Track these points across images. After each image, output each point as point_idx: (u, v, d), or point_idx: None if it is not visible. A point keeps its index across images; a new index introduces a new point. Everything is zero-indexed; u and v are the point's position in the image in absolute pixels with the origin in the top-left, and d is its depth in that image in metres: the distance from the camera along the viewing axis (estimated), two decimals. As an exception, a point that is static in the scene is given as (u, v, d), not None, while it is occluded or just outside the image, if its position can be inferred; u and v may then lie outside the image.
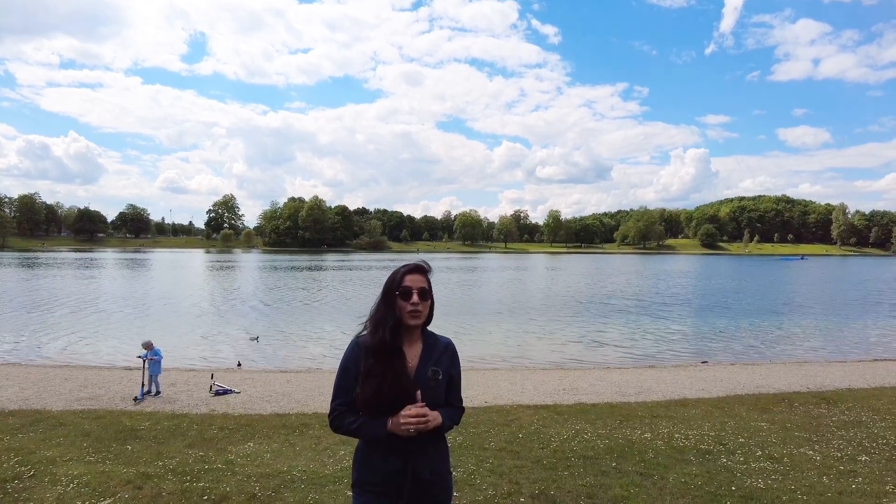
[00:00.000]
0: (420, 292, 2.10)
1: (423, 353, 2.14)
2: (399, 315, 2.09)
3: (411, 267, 2.15)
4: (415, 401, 2.01)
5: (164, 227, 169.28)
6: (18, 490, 4.58)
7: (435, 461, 2.11)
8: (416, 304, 2.08)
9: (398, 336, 2.09)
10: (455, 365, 2.22)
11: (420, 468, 2.04)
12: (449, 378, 2.17)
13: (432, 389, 2.09)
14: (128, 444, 6.15)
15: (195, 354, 15.09)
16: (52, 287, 33.97)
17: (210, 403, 9.19)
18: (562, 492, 4.65)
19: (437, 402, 2.10)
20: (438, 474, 2.11)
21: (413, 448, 2.03)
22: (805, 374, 11.81)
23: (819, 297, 33.55)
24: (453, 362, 2.21)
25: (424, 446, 2.06)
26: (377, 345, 2.06)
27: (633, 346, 17.29)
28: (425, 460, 2.07)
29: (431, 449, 2.10)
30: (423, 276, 2.15)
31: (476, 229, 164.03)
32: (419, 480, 2.04)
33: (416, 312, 2.09)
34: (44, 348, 15.64)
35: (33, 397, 9.30)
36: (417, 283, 2.11)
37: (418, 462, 2.04)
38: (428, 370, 2.10)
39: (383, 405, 2.01)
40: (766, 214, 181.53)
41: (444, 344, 2.22)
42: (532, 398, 9.52)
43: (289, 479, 4.93)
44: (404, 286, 2.09)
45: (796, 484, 4.82)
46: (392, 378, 2.01)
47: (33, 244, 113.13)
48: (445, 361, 2.18)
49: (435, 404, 2.08)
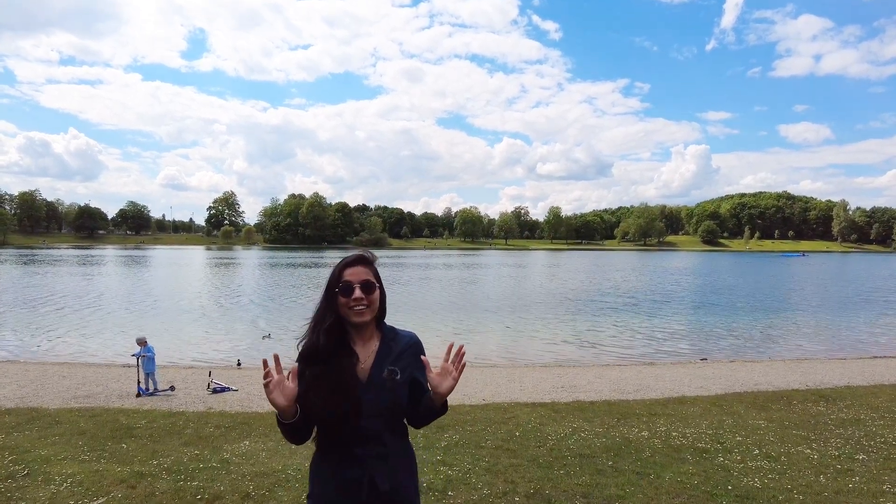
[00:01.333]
0: (363, 286, 1.87)
1: (378, 351, 1.91)
2: (341, 313, 1.88)
3: (350, 259, 1.94)
4: (359, 409, 1.81)
5: (165, 224, 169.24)
6: (11, 489, 4.56)
7: (397, 471, 1.89)
8: (358, 298, 1.85)
9: (338, 337, 1.89)
10: (419, 363, 1.93)
11: (379, 479, 1.83)
12: (413, 380, 1.93)
13: (389, 392, 1.86)
14: (123, 443, 6.13)
15: (194, 352, 15.09)
16: (52, 284, 33.98)
17: (207, 401, 9.18)
18: (557, 491, 4.62)
19: (398, 406, 1.89)
20: (400, 486, 1.89)
21: (371, 456, 1.83)
22: (804, 372, 11.79)
23: (819, 295, 33.53)
24: (417, 359, 1.94)
25: (385, 455, 1.86)
26: (310, 348, 1.88)
27: (632, 343, 17.28)
28: (385, 470, 1.85)
29: (393, 458, 1.88)
30: (365, 267, 1.92)
31: (476, 226, 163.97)
32: (377, 493, 1.83)
33: (359, 309, 1.86)
34: (42, 346, 15.65)
35: (30, 395, 9.30)
36: (359, 275, 1.89)
37: (377, 473, 1.83)
38: (384, 370, 1.87)
39: (329, 412, 1.80)
40: (767, 211, 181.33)
41: (405, 340, 1.98)
42: (530, 396, 9.50)
43: (283, 478, 4.90)
44: (344, 281, 1.88)
45: (793, 483, 4.79)
46: (329, 386, 1.80)
47: (34, 241, 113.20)
48: (407, 359, 1.93)
49: (395, 409, 1.88)
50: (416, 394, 1.93)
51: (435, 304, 25.96)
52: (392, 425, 1.89)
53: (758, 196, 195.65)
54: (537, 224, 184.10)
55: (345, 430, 1.82)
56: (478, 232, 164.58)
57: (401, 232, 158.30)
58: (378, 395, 1.84)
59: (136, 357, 9.97)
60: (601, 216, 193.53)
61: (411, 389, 1.93)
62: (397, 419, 1.92)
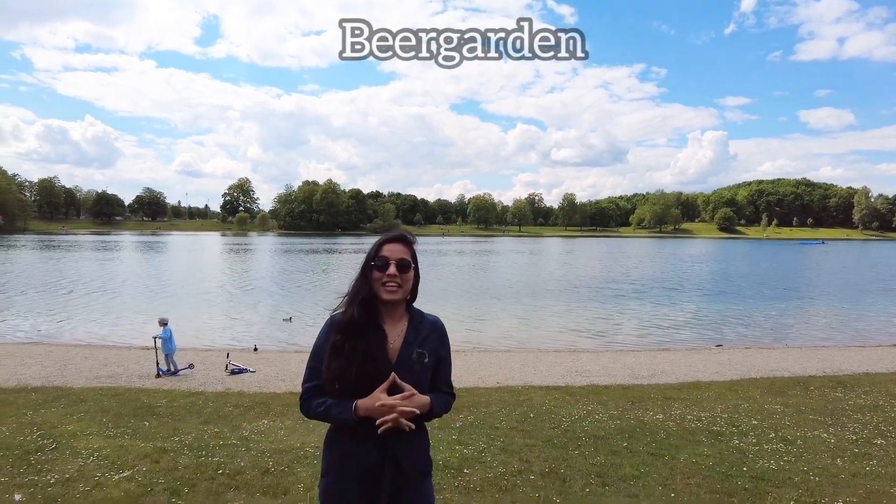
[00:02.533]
0: (399, 263, 1.89)
1: (407, 332, 1.94)
2: (374, 288, 1.90)
3: (391, 236, 1.96)
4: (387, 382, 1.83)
5: (181, 211, 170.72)
6: (41, 462, 4.70)
7: (414, 448, 1.92)
8: (392, 275, 1.87)
9: (371, 311, 1.90)
10: (444, 345, 1.99)
11: (401, 456, 1.86)
12: (437, 359, 1.97)
13: (417, 374, 1.89)
14: (145, 421, 6.28)
15: (212, 335, 15.33)
16: (73, 269, 34.61)
17: (226, 382, 9.35)
18: (572, 470, 4.66)
19: (422, 389, 1.89)
20: (418, 462, 1.93)
21: (393, 435, 1.82)
22: (821, 359, 11.69)
23: (838, 283, 33.07)
24: (442, 343, 1.99)
25: (404, 433, 1.84)
26: (347, 320, 1.88)
27: (646, 329, 17.22)
28: (405, 448, 1.87)
29: (412, 436, 1.87)
30: (404, 246, 1.94)
31: (490, 213, 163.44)
32: (399, 469, 1.85)
33: (392, 285, 1.88)
34: (65, 328, 16.01)
35: (55, 375, 9.54)
36: (397, 253, 1.91)
37: (397, 450, 1.85)
38: (413, 352, 1.90)
39: (353, 386, 1.82)
40: (786, 198, 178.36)
41: (431, 322, 2.01)
42: (544, 379, 9.54)
43: (302, 455, 5.00)
44: (381, 255, 1.90)
45: (809, 465, 4.79)
46: (362, 357, 1.83)
47: (53, 227, 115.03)
48: (433, 342, 1.96)
49: (420, 391, 1.87)
50: (435, 378, 1.98)
51: (448, 291, 26.03)
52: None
53: (776, 183, 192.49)
54: (551, 211, 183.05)
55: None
56: (491, 219, 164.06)
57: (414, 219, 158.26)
58: (405, 376, 1.85)
59: (155, 339, 10.15)
60: (616, 203, 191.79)
61: (432, 372, 1.97)
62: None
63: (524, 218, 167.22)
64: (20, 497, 3.96)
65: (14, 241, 71.34)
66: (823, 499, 4.04)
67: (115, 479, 4.30)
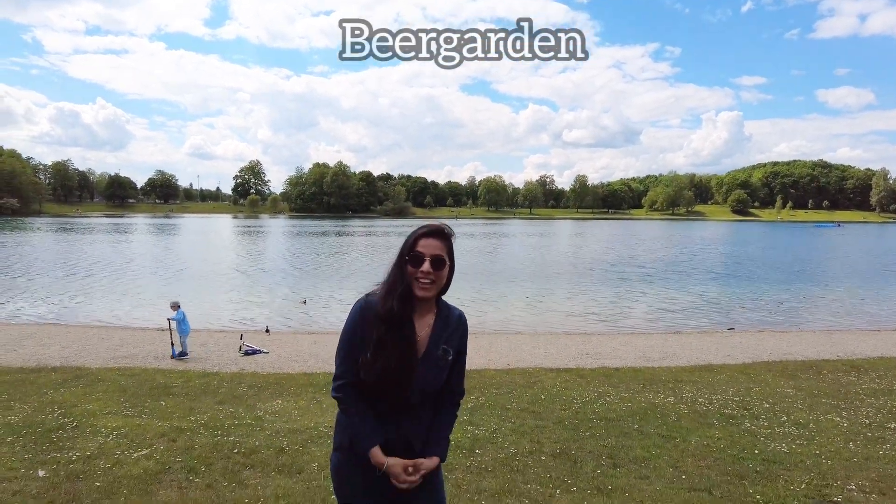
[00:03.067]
0: (433, 260, 1.85)
1: (435, 325, 1.94)
2: (408, 282, 1.88)
3: (427, 230, 1.90)
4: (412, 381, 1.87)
5: (192, 193, 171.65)
6: (63, 440, 4.82)
7: (428, 432, 1.96)
8: (426, 272, 1.84)
9: (408, 305, 1.88)
10: (464, 342, 2.01)
11: (414, 440, 1.91)
12: (457, 353, 1.98)
13: (439, 370, 1.92)
14: (161, 400, 6.40)
15: (226, 316, 15.51)
16: (90, 252, 35.05)
17: (240, 363, 9.48)
18: (583, 451, 4.70)
19: (437, 384, 1.93)
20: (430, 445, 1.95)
21: (409, 420, 1.90)
22: (835, 343, 11.60)
23: (853, 266, 32.65)
24: (463, 339, 2.00)
25: (417, 413, 1.92)
26: (387, 314, 1.85)
27: (658, 312, 17.17)
28: (419, 433, 1.93)
29: (424, 416, 1.94)
30: (441, 241, 1.90)
31: (501, 195, 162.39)
32: (412, 453, 1.90)
33: (426, 283, 1.86)
34: (82, 309, 16.26)
35: (74, 355, 9.71)
36: (432, 249, 1.86)
37: (409, 431, 1.90)
38: (439, 349, 1.92)
39: (385, 381, 1.85)
40: (801, 180, 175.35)
41: (457, 317, 2.01)
42: (555, 361, 9.56)
43: (315, 435, 5.08)
44: (416, 252, 1.86)
45: (821, 449, 4.78)
46: (398, 356, 1.84)
47: (68, 210, 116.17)
48: (457, 339, 1.98)
49: (436, 386, 1.93)
50: (450, 374, 1.98)
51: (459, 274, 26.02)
52: (433, 396, 1.95)
53: (791, 164, 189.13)
54: (563, 193, 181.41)
55: (391, 395, 1.87)
56: (502, 201, 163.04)
57: (424, 201, 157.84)
58: (429, 371, 1.89)
59: (170, 321, 10.30)
60: (629, 185, 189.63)
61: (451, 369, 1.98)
62: (438, 392, 1.96)
63: (535, 200, 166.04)
64: (44, 473, 4.06)
65: (30, 223, 72.29)
66: (835, 482, 4.04)
67: (133, 457, 4.40)
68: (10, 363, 8.74)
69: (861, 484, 4.01)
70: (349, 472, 1.95)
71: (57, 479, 3.96)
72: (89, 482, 3.92)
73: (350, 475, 1.95)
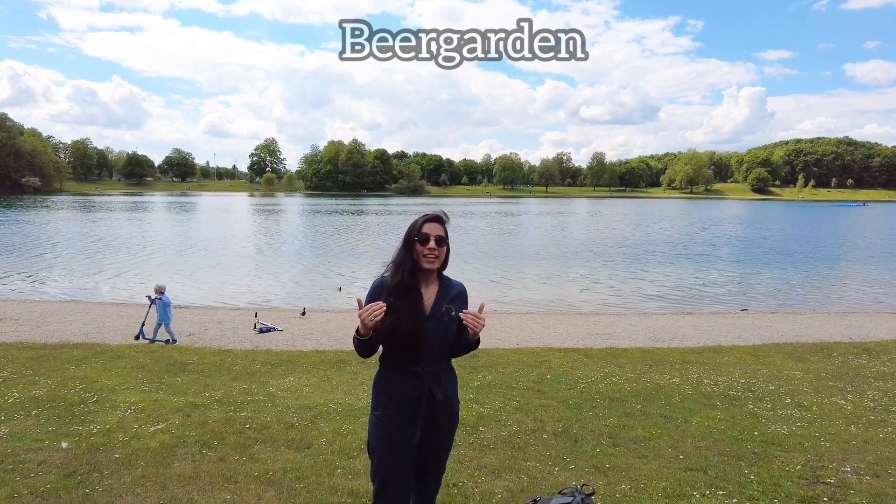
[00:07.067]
0: (437, 239, 2.35)
1: (438, 293, 2.42)
2: (416, 259, 2.36)
3: (430, 216, 2.39)
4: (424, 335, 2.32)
5: (209, 171, 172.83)
6: (84, 413, 5.04)
7: (446, 385, 2.45)
8: (432, 248, 2.34)
9: (415, 278, 2.37)
10: (465, 308, 2.43)
11: (434, 391, 2.38)
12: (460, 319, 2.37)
13: (445, 325, 2.36)
14: (178, 377, 6.62)
15: (241, 294, 15.78)
16: (110, 230, 35.69)
17: (254, 340, 9.70)
18: (585, 431, 4.80)
19: (448, 338, 2.41)
20: (448, 398, 2.44)
21: (427, 373, 2.37)
22: (848, 325, 11.50)
23: (875, 247, 32.04)
24: (463, 306, 2.46)
25: (437, 373, 2.41)
26: (397, 284, 2.34)
27: (670, 292, 17.10)
28: (438, 384, 2.40)
29: (444, 375, 2.45)
30: (441, 225, 2.39)
31: (516, 173, 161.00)
32: (433, 403, 2.37)
33: (432, 257, 2.35)
34: (101, 287, 16.67)
35: (93, 332, 10.02)
36: (435, 230, 2.36)
37: (433, 386, 2.38)
38: (442, 307, 2.35)
39: (398, 337, 2.31)
40: (825, 158, 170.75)
41: (457, 288, 2.50)
42: (564, 341, 9.65)
43: (325, 411, 5.24)
44: (423, 233, 2.35)
45: (821, 431, 4.82)
46: (408, 313, 2.30)
47: (87, 188, 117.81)
48: (458, 304, 2.42)
49: (447, 338, 2.40)
50: (458, 334, 2.43)
51: (471, 253, 26.10)
52: (443, 350, 2.43)
53: (815, 142, 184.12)
54: (580, 171, 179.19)
55: (409, 350, 2.34)
56: (518, 179, 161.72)
57: (439, 179, 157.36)
58: (437, 326, 2.35)
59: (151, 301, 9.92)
60: (647, 162, 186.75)
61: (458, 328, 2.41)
62: (448, 346, 2.43)
63: (552, 178, 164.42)
64: (66, 445, 4.28)
65: (52, 202, 73.57)
66: (831, 464, 4.10)
67: (150, 431, 4.60)
68: (35, 339, 9.05)
69: (856, 466, 4.06)
70: (386, 424, 2.40)
71: (79, 451, 4.16)
72: (109, 454, 4.12)
73: (387, 426, 2.39)
